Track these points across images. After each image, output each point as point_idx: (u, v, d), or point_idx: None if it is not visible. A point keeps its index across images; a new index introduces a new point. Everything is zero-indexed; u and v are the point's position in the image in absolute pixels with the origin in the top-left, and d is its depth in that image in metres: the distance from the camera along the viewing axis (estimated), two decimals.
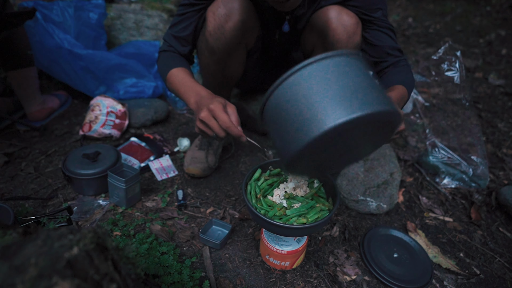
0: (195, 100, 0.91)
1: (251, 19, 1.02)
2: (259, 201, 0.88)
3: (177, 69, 1.01)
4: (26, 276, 0.32)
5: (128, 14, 2.21)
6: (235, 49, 1.07)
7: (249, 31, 1.05)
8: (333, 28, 1.00)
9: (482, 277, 1.01)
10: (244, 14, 0.98)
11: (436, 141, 1.43)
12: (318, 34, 1.08)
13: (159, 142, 1.48)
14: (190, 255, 1.00)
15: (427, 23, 3.87)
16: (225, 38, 1.01)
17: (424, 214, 1.24)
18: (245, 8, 0.99)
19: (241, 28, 1.00)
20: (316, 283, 0.95)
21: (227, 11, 0.97)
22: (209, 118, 0.81)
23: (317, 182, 0.95)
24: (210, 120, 0.81)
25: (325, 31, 1.03)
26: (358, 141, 0.66)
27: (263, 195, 0.91)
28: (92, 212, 1.12)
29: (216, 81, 1.19)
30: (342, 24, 0.99)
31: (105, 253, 0.41)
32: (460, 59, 1.40)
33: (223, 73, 1.15)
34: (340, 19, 0.99)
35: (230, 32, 1.00)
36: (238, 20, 0.98)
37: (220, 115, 0.79)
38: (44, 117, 1.62)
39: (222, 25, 0.99)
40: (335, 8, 1.00)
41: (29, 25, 1.54)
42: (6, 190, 1.20)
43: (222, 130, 0.81)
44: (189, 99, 0.93)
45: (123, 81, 1.79)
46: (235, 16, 0.98)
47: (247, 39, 1.09)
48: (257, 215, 0.81)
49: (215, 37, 1.01)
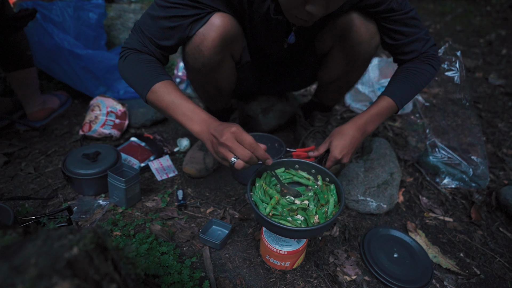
0: (201, 129, 0.84)
1: (230, 31, 0.94)
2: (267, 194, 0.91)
3: (163, 84, 0.87)
4: (26, 276, 0.32)
5: (128, 14, 2.21)
6: (219, 64, 1.00)
7: (231, 44, 0.98)
8: (356, 29, 1.00)
9: (482, 277, 1.01)
10: (221, 29, 0.91)
11: (436, 141, 1.43)
12: (338, 36, 1.07)
13: (159, 142, 1.48)
14: (190, 255, 1.00)
15: (427, 23, 3.87)
16: (204, 57, 0.95)
17: (424, 214, 1.24)
18: (223, 23, 0.91)
19: (219, 44, 0.93)
20: (316, 283, 0.95)
21: (202, 30, 0.91)
22: (233, 141, 0.76)
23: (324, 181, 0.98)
24: (234, 143, 0.76)
25: (348, 31, 1.02)
26: None
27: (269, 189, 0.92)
28: (92, 212, 1.12)
29: (209, 94, 1.16)
30: (365, 25, 1.00)
31: (105, 253, 0.41)
32: (460, 59, 1.40)
33: (214, 87, 1.11)
34: (363, 20, 1.00)
35: (208, 51, 0.93)
36: (214, 37, 0.91)
37: (245, 137, 0.77)
38: (44, 117, 1.62)
39: (198, 45, 0.93)
40: (356, 12, 1.00)
41: (28, 25, 1.54)
42: (6, 190, 1.20)
43: (248, 152, 0.77)
44: (191, 126, 0.85)
45: (123, 81, 1.79)
46: (212, 34, 0.90)
47: (232, 51, 1.03)
48: (259, 215, 0.81)
49: (193, 57, 0.96)
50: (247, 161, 0.77)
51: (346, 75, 1.19)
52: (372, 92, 1.81)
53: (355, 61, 1.10)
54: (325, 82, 1.28)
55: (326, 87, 1.31)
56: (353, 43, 1.03)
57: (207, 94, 1.17)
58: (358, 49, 1.05)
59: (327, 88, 1.31)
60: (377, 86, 1.81)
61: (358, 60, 1.09)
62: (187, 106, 0.86)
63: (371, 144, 1.42)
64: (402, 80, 1.05)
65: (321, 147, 1.06)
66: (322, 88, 1.36)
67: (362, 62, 1.10)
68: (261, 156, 0.79)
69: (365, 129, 1.03)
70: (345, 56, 1.10)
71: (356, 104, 1.89)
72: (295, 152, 1.25)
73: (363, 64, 1.13)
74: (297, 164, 1.01)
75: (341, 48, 1.09)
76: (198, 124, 0.84)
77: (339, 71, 1.17)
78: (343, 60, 1.12)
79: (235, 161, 0.78)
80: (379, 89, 1.81)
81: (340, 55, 1.11)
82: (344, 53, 1.09)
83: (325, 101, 1.40)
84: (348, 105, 1.93)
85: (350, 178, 1.24)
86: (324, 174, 0.97)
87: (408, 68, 1.06)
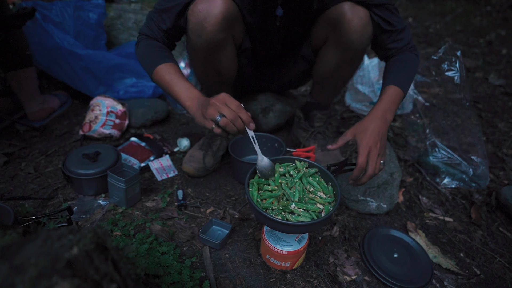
0: (191, 104, 0.93)
1: (232, 11, 0.99)
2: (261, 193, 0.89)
3: (165, 65, 1.00)
4: (26, 276, 0.32)
5: (128, 14, 2.21)
6: (221, 45, 1.04)
7: (233, 24, 1.02)
8: (348, 19, 1.02)
9: (482, 277, 1.01)
10: (223, 7, 0.95)
11: (436, 141, 1.43)
12: (331, 27, 1.09)
13: (159, 142, 1.48)
14: (190, 255, 1.00)
15: (427, 23, 3.87)
16: (207, 34, 0.98)
17: (424, 214, 1.24)
18: (225, 2, 0.96)
19: (222, 22, 0.97)
20: (316, 283, 0.95)
21: (206, 7, 0.95)
22: (221, 102, 0.85)
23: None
24: (222, 103, 0.85)
25: (340, 22, 1.04)
26: None
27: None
28: (92, 212, 1.12)
29: (211, 79, 1.18)
30: (357, 15, 1.02)
31: (105, 253, 0.41)
32: (460, 59, 1.40)
33: (215, 71, 1.14)
34: (355, 11, 1.02)
35: (211, 28, 0.97)
36: (217, 14, 0.95)
37: (232, 101, 0.85)
38: (44, 117, 1.62)
39: (202, 21, 0.96)
40: (348, 3, 1.02)
41: (28, 25, 1.54)
42: (6, 190, 1.20)
43: (233, 112, 0.84)
44: (184, 102, 0.94)
45: (123, 81, 1.79)
46: (215, 11, 0.95)
47: (233, 32, 1.06)
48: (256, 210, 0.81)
49: (197, 34, 0.99)
50: (231, 119, 0.84)
51: (340, 68, 1.20)
52: (372, 92, 1.81)
53: (349, 52, 1.11)
54: (320, 76, 1.29)
55: (321, 83, 1.32)
56: (346, 33, 1.05)
57: (208, 80, 1.19)
58: (351, 40, 1.06)
59: (323, 84, 1.32)
60: (377, 86, 1.81)
61: (351, 51, 1.11)
62: (182, 84, 0.97)
63: None
64: (398, 69, 1.08)
65: (340, 141, 1.01)
66: (317, 85, 1.37)
67: (355, 53, 1.12)
68: (245, 118, 0.85)
69: (386, 118, 1.01)
70: (338, 47, 1.11)
71: (356, 104, 1.89)
72: (295, 152, 1.25)
73: (357, 56, 1.14)
74: (295, 162, 1.00)
75: (335, 40, 1.11)
76: (190, 100, 0.94)
77: (333, 63, 1.18)
78: (337, 52, 1.14)
79: (220, 119, 0.84)
80: (379, 89, 1.81)
81: (333, 47, 1.13)
82: (337, 44, 1.11)
83: (322, 99, 1.40)
84: (348, 105, 1.93)
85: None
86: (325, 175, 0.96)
87: (400, 59, 1.10)
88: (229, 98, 0.86)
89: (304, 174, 0.93)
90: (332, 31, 1.10)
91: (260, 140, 1.39)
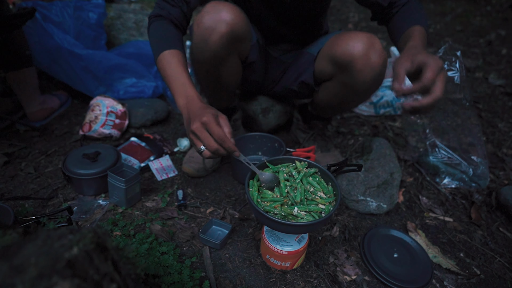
0: (184, 103, 0.87)
1: (240, 29, 0.95)
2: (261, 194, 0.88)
3: (169, 53, 0.92)
4: (26, 276, 0.32)
5: (128, 14, 2.21)
6: (225, 60, 1.01)
7: (239, 41, 0.98)
8: (358, 69, 0.94)
9: (482, 277, 1.01)
10: (231, 25, 0.91)
11: (436, 141, 1.43)
12: (338, 69, 1.01)
13: (159, 142, 1.48)
14: (190, 255, 1.00)
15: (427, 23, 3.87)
16: (210, 51, 0.95)
17: (424, 214, 1.24)
18: (233, 19, 0.91)
19: (227, 40, 0.94)
20: (316, 283, 0.95)
21: (212, 23, 0.91)
22: (202, 131, 0.78)
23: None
24: (203, 132, 0.78)
25: (349, 69, 0.97)
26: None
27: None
28: (92, 212, 1.12)
29: (211, 86, 1.16)
30: (370, 66, 0.93)
31: (105, 253, 0.41)
32: (460, 59, 1.40)
33: (217, 82, 1.11)
34: (368, 59, 0.92)
35: (215, 45, 0.94)
36: (223, 33, 0.92)
37: (214, 128, 0.77)
38: (44, 117, 1.62)
39: (206, 39, 0.93)
40: (362, 43, 0.92)
41: (28, 25, 1.54)
42: (6, 190, 1.20)
43: (215, 143, 0.78)
44: (177, 99, 0.89)
45: (123, 81, 1.79)
46: (220, 29, 0.91)
47: (238, 49, 1.03)
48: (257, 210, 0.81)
49: (200, 49, 0.97)
50: (213, 151, 0.79)
51: (345, 103, 1.15)
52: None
53: (357, 94, 1.05)
54: (322, 104, 1.24)
55: (324, 108, 1.27)
56: (355, 81, 0.97)
57: (209, 88, 1.17)
58: (360, 88, 1.00)
59: (325, 109, 1.28)
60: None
61: (360, 94, 1.04)
62: (180, 79, 0.89)
63: (371, 144, 1.42)
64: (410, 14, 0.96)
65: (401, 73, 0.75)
66: (318, 106, 1.31)
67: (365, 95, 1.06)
68: (229, 149, 0.80)
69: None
70: (345, 88, 1.05)
71: None
72: (295, 152, 1.25)
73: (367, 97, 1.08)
74: (295, 162, 0.99)
75: (341, 81, 1.04)
76: (183, 99, 0.87)
77: (338, 99, 1.13)
78: (344, 92, 1.07)
79: (203, 150, 0.81)
80: (379, 89, 1.81)
81: (340, 86, 1.07)
82: (344, 86, 1.05)
83: (323, 115, 1.37)
84: None
85: (350, 178, 1.24)
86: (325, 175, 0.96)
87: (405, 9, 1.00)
88: (213, 122, 0.78)
89: (305, 175, 0.93)
90: (339, 73, 1.02)
91: (260, 140, 1.39)
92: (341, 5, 4.42)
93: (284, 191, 0.88)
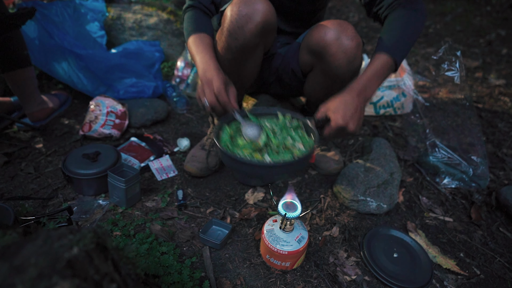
0: (202, 68, 0.95)
1: (272, 20, 0.98)
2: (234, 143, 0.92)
3: (197, 35, 1.02)
4: (26, 276, 0.32)
5: (128, 14, 2.21)
6: (253, 50, 1.04)
7: (269, 33, 1.02)
8: (332, 54, 0.97)
9: (482, 277, 1.01)
10: (266, 16, 0.95)
11: (436, 141, 1.43)
12: (315, 57, 1.05)
13: (159, 142, 1.48)
14: (190, 255, 1.00)
15: (427, 23, 3.87)
16: (244, 39, 0.97)
17: (424, 214, 1.24)
18: (267, 10, 0.95)
19: (261, 30, 0.96)
20: (316, 283, 0.95)
21: (250, 11, 0.93)
22: (207, 86, 0.90)
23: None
24: (207, 87, 0.90)
25: (323, 56, 1.00)
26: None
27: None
28: (92, 212, 1.12)
29: (230, 77, 1.15)
30: (342, 49, 0.96)
31: (105, 253, 0.41)
32: (460, 59, 1.40)
33: (238, 73, 1.12)
34: (340, 43, 0.96)
35: (250, 33, 0.96)
36: (259, 22, 0.94)
37: (215, 83, 0.88)
38: (44, 117, 1.62)
39: (243, 26, 0.95)
40: (334, 29, 0.95)
41: (28, 25, 1.54)
42: (6, 190, 1.20)
43: (214, 96, 0.88)
44: (198, 68, 0.97)
45: (123, 81, 1.79)
46: (257, 18, 0.94)
47: (266, 41, 1.06)
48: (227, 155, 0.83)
49: (234, 37, 0.98)
50: (211, 104, 0.90)
51: (331, 92, 1.13)
52: None
53: (338, 82, 1.07)
54: (311, 97, 1.27)
55: (314, 102, 1.29)
56: (331, 67, 1.00)
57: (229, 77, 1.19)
58: (337, 73, 1.01)
59: (316, 103, 1.27)
60: None
61: (340, 81, 1.06)
62: (204, 56, 0.98)
63: (371, 144, 1.42)
64: (391, 31, 0.94)
65: (317, 115, 0.92)
66: (309, 102, 1.35)
67: (345, 81, 1.07)
68: (223, 102, 0.89)
69: (365, 95, 0.91)
70: (326, 76, 1.08)
71: None
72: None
73: (344, 82, 1.08)
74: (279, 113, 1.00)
75: (321, 69, 1.07)
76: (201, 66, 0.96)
77: (323, 89, 1.15)
78: (325, 80, 1.10)
79: (207, 105, 0.91)
80: (379, 89, 1.81)
81: (320, 75, 1.10)
82: (324, 74, 1.08)
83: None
84: None
85: (350, 178, 1.24)
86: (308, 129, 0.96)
87: (394, 17, 0.97)
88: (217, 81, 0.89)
89: (285, 126, 0.95)
90: (317, 61, 1.06)
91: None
92: (341, 5, 4.42)
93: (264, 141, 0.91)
